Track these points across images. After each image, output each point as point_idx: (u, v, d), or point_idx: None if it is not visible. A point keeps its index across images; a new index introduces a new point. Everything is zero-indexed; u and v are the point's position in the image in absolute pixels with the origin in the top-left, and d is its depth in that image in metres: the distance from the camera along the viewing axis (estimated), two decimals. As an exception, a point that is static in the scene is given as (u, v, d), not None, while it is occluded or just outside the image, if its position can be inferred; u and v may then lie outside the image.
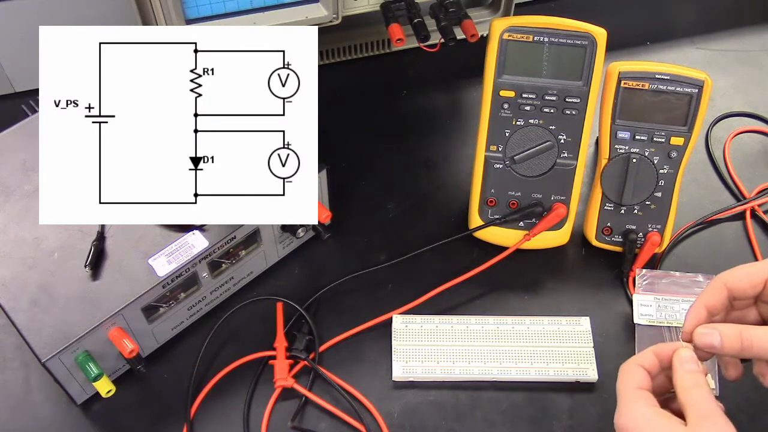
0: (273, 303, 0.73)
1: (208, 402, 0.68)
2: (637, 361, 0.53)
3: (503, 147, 0.75)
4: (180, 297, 0.69)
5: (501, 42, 0.71)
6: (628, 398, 0.51)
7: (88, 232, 0.67)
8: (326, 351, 0.71)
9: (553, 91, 0.72)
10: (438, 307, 0.74)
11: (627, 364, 0.53)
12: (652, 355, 0.53)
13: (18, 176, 0.71)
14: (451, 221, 0.81)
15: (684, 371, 0.51)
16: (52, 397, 0.68)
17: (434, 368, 0.69)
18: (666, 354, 0.52)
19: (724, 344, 0.51)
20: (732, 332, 0.50)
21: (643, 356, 0.53)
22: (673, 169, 0.74)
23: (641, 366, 0.52)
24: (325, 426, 0.67)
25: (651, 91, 0.72)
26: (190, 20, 0.74)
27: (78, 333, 0.61)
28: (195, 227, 0.68)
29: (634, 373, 0.52)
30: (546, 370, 0.69)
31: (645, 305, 0.73)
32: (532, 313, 0.74)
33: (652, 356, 0.53)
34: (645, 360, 0.53)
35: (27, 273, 0.65)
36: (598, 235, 0.78)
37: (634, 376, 0.52)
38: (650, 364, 0.52)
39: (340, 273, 0.76)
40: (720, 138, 0.89)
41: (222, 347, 0.71)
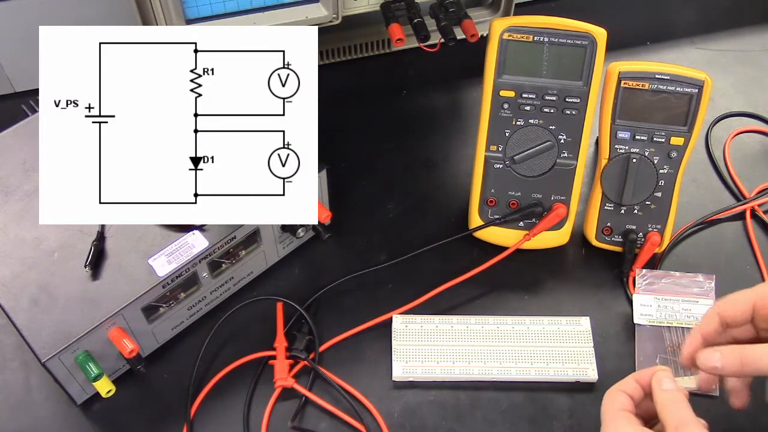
0: (273, 303, 0.73)
1: (208, 402, 0.68)
2: (619, 387, 0.56)
3: (503, 147, 0.75)
4: (180, 297, 0.69)
5: (501, 42, 0.71)
6: (611, 419, 0.54)
7: (88, 232, 0.67)
8: (326, 351, 0.71)
9: (553, 91, 0.72)
10: (438, 307, 0.74)
11: (609, 390, 0.56)
12: (632, 381, 0.56)
13: (18, 176, 0.71)
14: (451, 221, 0.81)
15: (661, 390, 0.54)
16: (52, 397, 0.68)
17: (434, 368, 0.69)
18: (645, 379, 0.55)
19: (725, 364, 0.53)
20: (732, 352, 0.53)
21: (624, 382, 0.56)
22: (673, 169, 0.74)
23: (623, 391, 0.55)
24: (325, 426, 0.67)
25: (651, 91, 0.72)
26: (190, 20, 0.74)
27: (78, 333, 0.61)
28: (195, 227, 0.68)
29: (616, 396, 0.55)
30: (546, 370, 0.69)
31: (645, 305, 0.73)
32: (532, 313, 0.74)
33: (632, 382, 0.56)
34: (626, 386, 0.56)
35: (27, 273, 0.65)
36: (598, 235, 0.78)
37: (616, 400, 0.54)
38: (632, 389, 0.55)
39: (340, 273, 0.76)
40: (720, 138, 0.89)
41: (222, 347, 0.71)
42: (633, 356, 0.71)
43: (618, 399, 0.55)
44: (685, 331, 0.72)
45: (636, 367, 0.70)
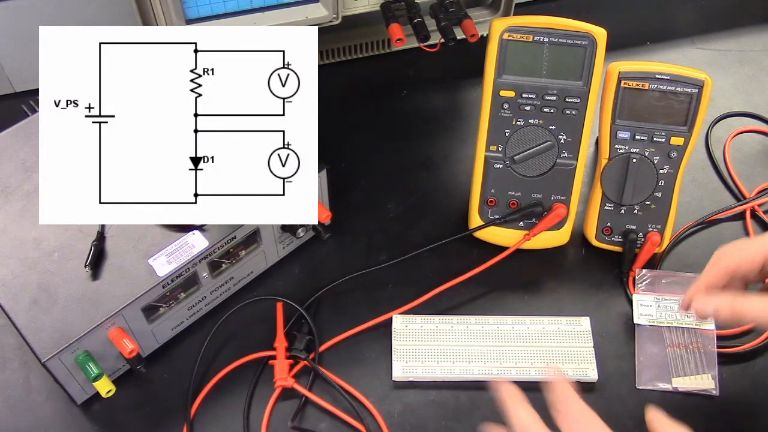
0: (273, 303, 0.73)
1: (208, 402, 0.68)
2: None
3: (503, 147, 0.75)
4: (180, 297, 0.69)
5: (501, 42, 0.71)
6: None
7: (88, 232, 0.67)
8: (326, 351, 0.71)
9: (553, 91, 0.72)
10: (438, 307, 0.74)
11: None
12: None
13: (18, 176, 0.71)
14: (451, 221, 0.81)
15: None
16: (52, 397, 0.68)
17: (434, 368, 0.69)
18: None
19: (718, 312, 0.57)
20: (725, 302, 0.57)
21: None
22: (673, 169, 0.74)
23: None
24: (325, 426, 0.67)
25: (651, 91, 0.72)
26: (190, 20, 0.74)
27: (78, 333, 0.61)
28: (195, 227, 0.68)
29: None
30: (546, 370, 0.69)
31: (645, 305, 0.73)
32: (532, 313, 0.74)
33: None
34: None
35: (27, 273, 0.65)
36: (598, 235, 0.78)
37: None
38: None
39: (340, 273, 0.76)
40: (720, 138, 0.89)
41: (222, 347, 0.71)
42: (633, 356, 0.71)
43: None
44: (686, 331, 0.72)
45: (636, 367, 0.70)
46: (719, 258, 0.59)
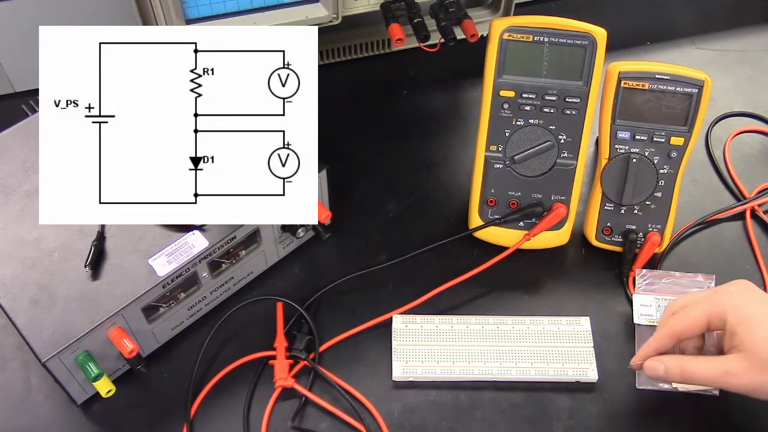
0: (273, 303, 0.73)
1: (208, 402, 0.68)
2: None
3: (503, 147, 0.75)
4: (180, 297, 0.69)
5: (501, 42, 0.71)
6: None
7: (88, 232, 0.67)
8: (326, 351, 0.71)
9: (553, 91, 0.72)
10: (438, 307, 0.74)
11: None
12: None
13: (18, 176, 0.71)
14: (451, 221, 0.81)
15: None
16: (52, 397, 0.68)
17: (434, 368, 0.69)
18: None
19: (668, 374, 0.62)
20: (674, 365, 0.62)
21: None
22: (673, 169, 0.74)
23: None
24: (325, 426, 0.67)
25: (651, 91, 0.72)
26: (190, 20, 0.74)
27: (78, 333, 0.61)
28: (195, 227, 0.68)
29: None
30: (546, 370, 0.69)
31: (645, 305, 0.73)
32: (532, 313, 0.74)
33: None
34: None
35: (27, 273, 0.65)
36: (598, 235, 0.78)
37: None
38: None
39: (340, 273, 0.76)
40: (720, 138, 0.89)
41: (222, 347, 0.71)
42: (633, 356, 0.71)
43: None
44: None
45: (636, 367, 0.70)
46: (666, 326, 0.63)
